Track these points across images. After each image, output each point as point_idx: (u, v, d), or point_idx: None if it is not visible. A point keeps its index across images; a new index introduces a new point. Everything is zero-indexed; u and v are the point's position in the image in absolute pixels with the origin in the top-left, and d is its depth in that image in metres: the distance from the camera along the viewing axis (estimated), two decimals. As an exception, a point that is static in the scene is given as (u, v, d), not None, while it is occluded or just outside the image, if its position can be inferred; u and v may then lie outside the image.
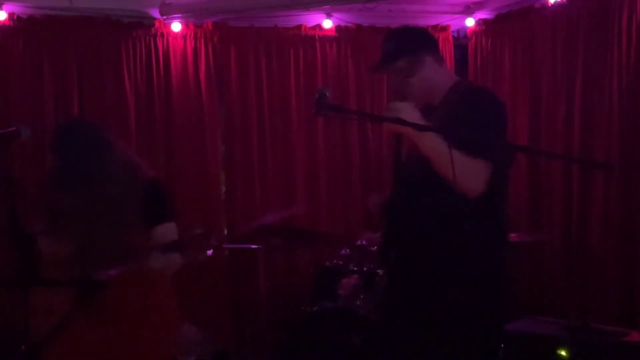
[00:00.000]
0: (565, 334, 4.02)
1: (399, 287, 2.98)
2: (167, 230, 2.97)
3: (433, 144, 2.60)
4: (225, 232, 5.72)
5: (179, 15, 5.59)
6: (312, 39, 5.95)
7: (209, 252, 2.95)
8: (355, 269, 4.83)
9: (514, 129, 5.66)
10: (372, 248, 4.73)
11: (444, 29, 6.07)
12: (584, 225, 5.19)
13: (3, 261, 3.73)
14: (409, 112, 2.61)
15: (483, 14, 6.00)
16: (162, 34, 5.63)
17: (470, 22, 6.03)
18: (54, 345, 2.78)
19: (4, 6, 5.17)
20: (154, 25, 5.60)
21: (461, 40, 6.26)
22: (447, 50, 6.10)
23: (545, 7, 5.48)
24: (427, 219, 2.81)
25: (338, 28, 5.96)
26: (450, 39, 6.16)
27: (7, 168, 2.85)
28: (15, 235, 2.75)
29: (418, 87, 2.91)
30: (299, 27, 5.92)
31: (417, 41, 2.98)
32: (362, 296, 4.63)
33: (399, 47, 2.95)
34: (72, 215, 2.83)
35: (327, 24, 5.89)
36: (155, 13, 5.56)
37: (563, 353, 3.86)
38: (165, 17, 5.57)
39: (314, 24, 5.93)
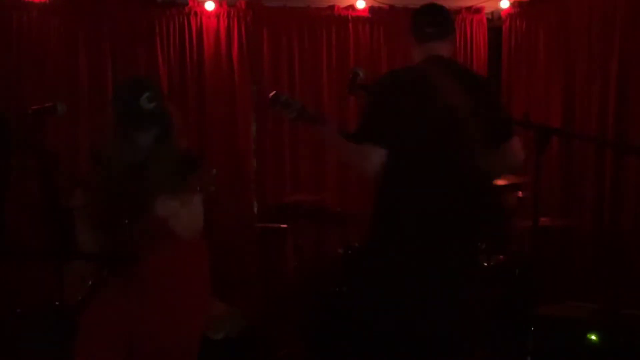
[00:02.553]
0: (596, 319, 4.00)
1: None
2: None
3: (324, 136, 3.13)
4: (255, 209, 5.75)
5: (213, -7, 5.61)
6: (345, 19, 5.93)
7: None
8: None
9: (547, 112, 5.63)
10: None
11: (478, 10, 6.01)
12: (616, 210, 5.16)
13: (40, 234, 3.80)
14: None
15: (518, -4, 5.93)
16: (195, 13, 5.65)
17: (505, 3, 5.95)
18: (87, 312, 2.83)
19: (41, -16, 5.23)
20: (187, 4, 5.63)
21: (495, 22, 6.17)
22: (481, 32, 6.05)
23: (581, -12, 5.41)
24: None
25: (371, 9, 5.92)
26: (485, 21, 6.09)
27: (44, 143, 2.87)
28: (52, 209, 2.80)
29: None
30: (332, 7, 5.90)
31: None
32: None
33: None
34: (105, 184, 2.86)
35: (360, 4, 5.86)
36: (189, -8, 5.59)
37: (593, 338, 3.84)
38: (199, -5, 5.60)
39: (347, 4, 5.90)
